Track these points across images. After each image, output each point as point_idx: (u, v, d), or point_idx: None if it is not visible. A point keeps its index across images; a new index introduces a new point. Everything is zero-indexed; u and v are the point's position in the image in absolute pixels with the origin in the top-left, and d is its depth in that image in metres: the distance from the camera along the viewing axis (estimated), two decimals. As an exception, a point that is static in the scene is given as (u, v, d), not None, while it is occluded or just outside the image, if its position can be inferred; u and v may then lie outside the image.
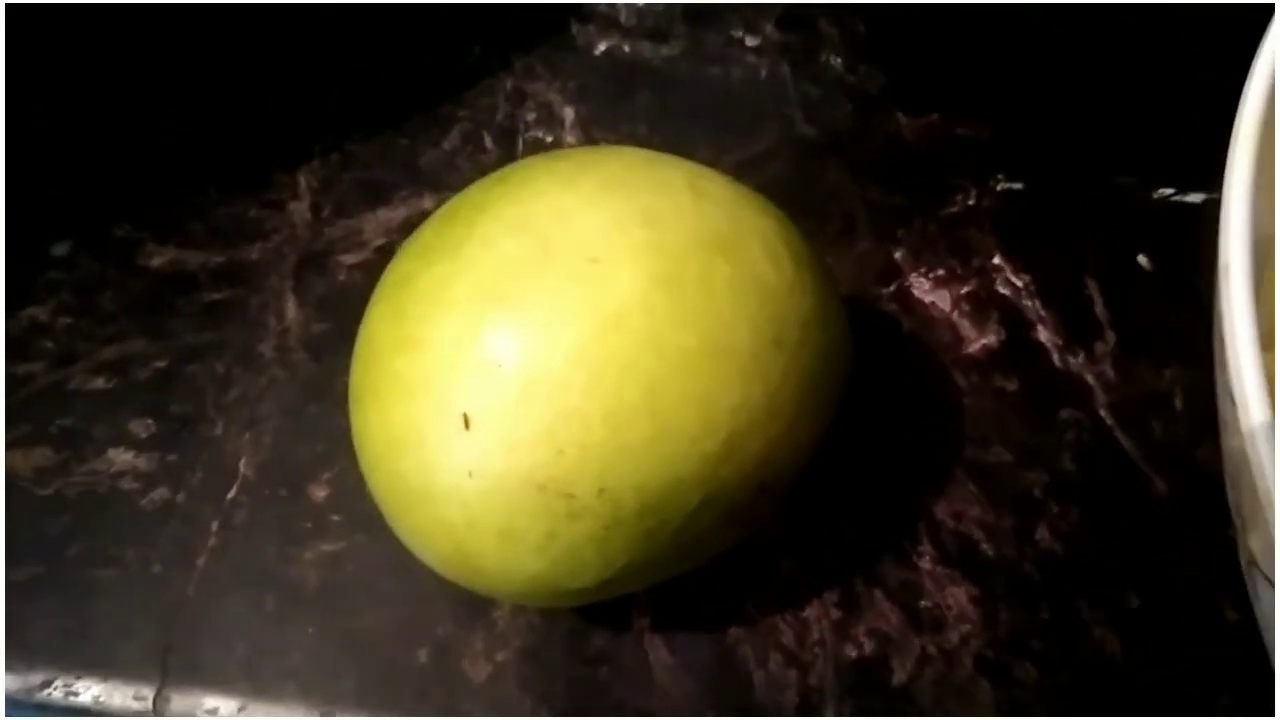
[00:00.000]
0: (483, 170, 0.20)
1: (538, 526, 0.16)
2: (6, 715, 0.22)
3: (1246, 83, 0.18)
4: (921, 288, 0.25)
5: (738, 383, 0.17)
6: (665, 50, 0.30)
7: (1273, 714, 0.16)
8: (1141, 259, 0.26)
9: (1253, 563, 0.16)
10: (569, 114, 0.29)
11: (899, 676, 0.21)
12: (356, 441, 0.18)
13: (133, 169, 0.28)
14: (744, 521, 0.18)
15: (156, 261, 0.26)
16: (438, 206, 0.19)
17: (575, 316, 0.16)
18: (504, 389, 0.16)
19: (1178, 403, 0.24)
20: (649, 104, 0.29)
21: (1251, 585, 0.17)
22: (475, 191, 0.19)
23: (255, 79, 0.29)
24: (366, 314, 0.18)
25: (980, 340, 0.25)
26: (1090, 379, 0.24)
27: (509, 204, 0.18)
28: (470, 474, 0.16)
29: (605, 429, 0.16)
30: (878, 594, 0.22)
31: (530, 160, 0.19)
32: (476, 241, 0.17)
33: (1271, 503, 0.14)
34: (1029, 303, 0.25)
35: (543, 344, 0.16)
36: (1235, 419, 0.15)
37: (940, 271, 0.26)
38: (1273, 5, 0.18)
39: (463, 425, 0.16)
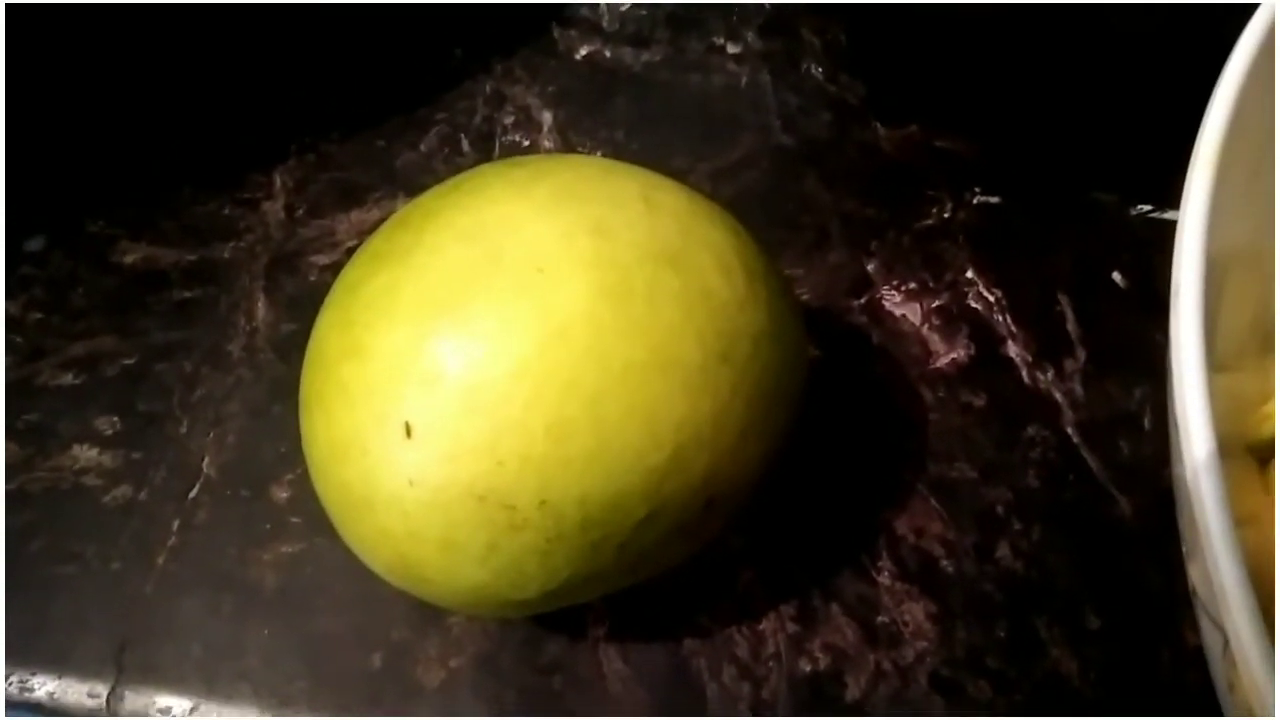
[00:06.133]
0: (458, 174, 0.20)
1: (478, 537, 0.16)
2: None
3: (1208, 107, 0.17)
4: (892, 300, 0.25)
5: (683, 397, 0.17)
6: (646, 56, 0.30)
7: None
8: (1116, 276, 0.25)
9: (1194, 593, 0.16)
10: (547, 118, 0.29)
11: (853, 692, 0.21)
12: (305, 448, 0.18)
13: (108, 165, 0.28)
14: (691, 536, 0.18)
15: (129, 259, 0.26)
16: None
17: (519, 328, 0.16)
18: (446, 399, 0.16)
19: (1146, 423, 0.24)
20: (628, 110, 0.29)
21: (1197, 613, 0.16)
22: (428, 198, 0.19)
23: (233, 77, 0.29)
24: (318, 320, 0.18)
25: (949, 354, 0.25)
26: (1059, 396, 0.24)
27: (460, 211, 0.18)
28: (411, 483, 0.16)
29: (547, 441, 0.16)
30: (835, 608, 0.22)
31: (486, 167, 0.19)
32: (425, 249, 0.17)
33: (1208, 537, 0.14)
34: (1000, 318, 0.25)
35: (486, 355, 0.16)
36: (1179, 446, 0.15)
37: (912, 284, 0.26)
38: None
39: (404, 434, 0.16)
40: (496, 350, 0.16)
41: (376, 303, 0.17)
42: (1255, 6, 0.18)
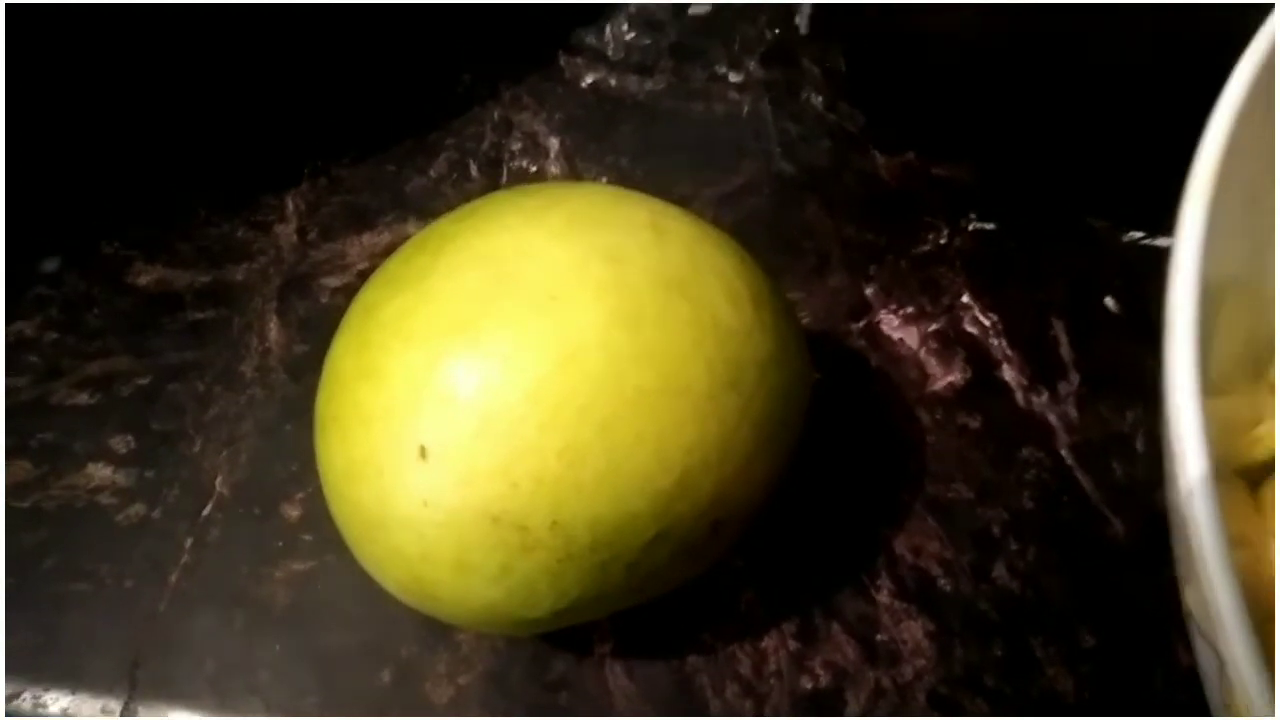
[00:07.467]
0: (467, 198, 0.20)
1: (492, 558, 0.17)
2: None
3: (1203, 135, 0.18)
4: (891, 324, 0.26)
5: (693, 422, 0.17)
6: (650, 85, 0.30)
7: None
8: (1109, 301, 0.26)
9: (1189, 615, 0.16)
10: (554, 145, 0.29)
11: (853, 709, 0.22)
12: (320, 468, 0.19)
13: (123, 187, 0.28)
14: (697, 557, 0.19)
15: (144, 280, 0.27)
16: (421, 233, 0.20)
17: (534, 352, 0.17)
18: (461, 422, 0.16)
19: (1139, 445, 0.24)
20: (632, 137, 0.29)
21: (1191, 635, 0.17)
22: (444, 223, 0.19)
23: (246, 101, 0.30)
24: (334, 341, 0.19)
25: (946, 378, 0.25)
26: (1053, 419, 0.24)
27: (475, 237, 0.18)
28: (425, 504, 0.17)
29: (560, 464, 0.16)
30: (835, 626, 0.22)
31: (498, 194, 0.20)
32: (440, 273, 0.18)
33: (1204, 565, 0.14)
34: (995, 341, 0.26)
35: (501, 379, 0.16)
36: (1174, 473, 0.15)
37: (910, 309, 0.26)
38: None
39: (419, 456, 0.17)
40: (511, 374, 0.16)
41: (392, 325, 0.17)
42: (1251, 34, 0.19)
